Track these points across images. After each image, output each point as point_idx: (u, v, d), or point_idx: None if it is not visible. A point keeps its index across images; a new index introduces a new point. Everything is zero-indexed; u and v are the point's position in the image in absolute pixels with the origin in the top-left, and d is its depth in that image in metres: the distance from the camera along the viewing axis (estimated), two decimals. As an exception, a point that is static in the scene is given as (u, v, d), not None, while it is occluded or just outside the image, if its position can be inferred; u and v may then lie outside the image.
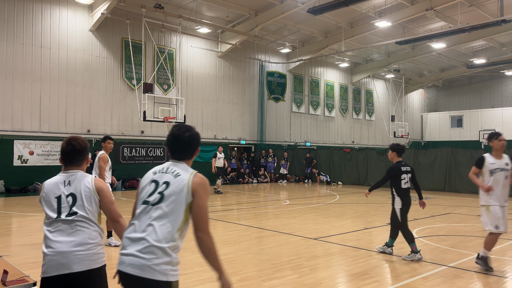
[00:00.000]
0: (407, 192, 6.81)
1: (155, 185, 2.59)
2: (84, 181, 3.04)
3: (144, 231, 2.47)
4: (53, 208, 2.96)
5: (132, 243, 2.48)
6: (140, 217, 2.54)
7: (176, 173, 2.58)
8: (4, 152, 16.81)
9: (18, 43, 17.29)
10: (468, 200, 15.52)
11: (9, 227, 9.63)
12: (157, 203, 2.52)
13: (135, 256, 2.43)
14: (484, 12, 20.75)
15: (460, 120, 37.04)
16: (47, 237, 2.92)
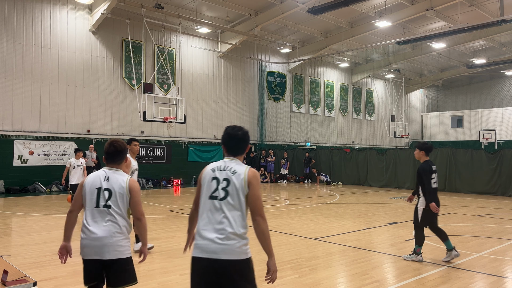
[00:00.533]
0: (435, 193, 6.51)
1: (217, 182, 3.02)
2: (120, 180, 3.56)
3: (221, 223, 2.93)
4: (92, 198, 3.50)
5: (210, 234, 2.92)
6: (212, 210, 2.99)
7: (233, 170, 3.03)
8: (4, 152, 16.81)
9: (18, 43, 17.29)
10: (468, 200, 15.52)
11: (9, 227, 9.63)
12: (223, 198, 2.96)
13: (219, 244, 2.88)
14: (484, 12, 20.74)
15: (460, 120, 37.03)
16: (84, 224, 3.48)
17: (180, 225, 9.79)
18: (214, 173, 3.07)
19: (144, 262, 6.35)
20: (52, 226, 9.54)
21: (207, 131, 23.53)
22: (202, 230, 2.97)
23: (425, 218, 6.49)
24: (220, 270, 2.90)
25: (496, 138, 31.81)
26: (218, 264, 2.89)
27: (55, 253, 6.96)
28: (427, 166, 6.48)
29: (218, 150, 23.91)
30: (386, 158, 21.41)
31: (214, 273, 2.90)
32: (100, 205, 3.48)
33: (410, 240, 8.20)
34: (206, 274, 2.92)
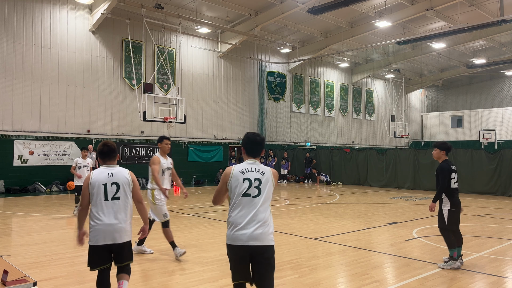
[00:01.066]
0: (455, 192, 6.33)
1: (249, 182, 3.59)
2: (124, 173, 4.24)
3: (255, 215, 3.52)
4: (102, 193, 4.07)
5: (247, 225, 3.50)
6: (246, 206, 3.56)
7: (261, 171, 3.66)
8: (4, 152, 16.81)
9: (18, 43, 17.29)
10: (468, 200, 15.52)
11: (9, 227, 9.63)
12: (257, 195, 3.57)
13: (254, 233, 3.47)
14: (484, 12, 20.75)
15: (460, 120, 37.04)
16: (94, 216, 4.06)
17: (180, 225, 9.79)
18: (244, 175, 3.63)
19: (144, 262, 6.35)
20: (52, 226, 9.54)
21: (207, 131, 23.54)
22: (239, 222, 3.54)
23: (452, 219, 6.24)
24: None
25: (496, 138, 31.81)
26: (256, 250, 3.53)
27: (55, 253, 6.97)
28: (446, 165, 6.33)
29: (218, 150, 23.92)
30: (386, 158, 21.41)
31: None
32: (108, 198, 4.08)
33: (410, 240, 8.20)
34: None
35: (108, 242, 4.05)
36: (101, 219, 4.04)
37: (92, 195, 4.08)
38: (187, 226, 9.63)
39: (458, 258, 6.11)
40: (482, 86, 37.80)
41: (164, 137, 6.92)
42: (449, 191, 6.26)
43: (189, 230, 9.05)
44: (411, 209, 12.88)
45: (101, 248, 4.06)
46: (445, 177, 6.25)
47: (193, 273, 5.77)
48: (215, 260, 6.49)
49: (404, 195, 17.30)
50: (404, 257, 6.79)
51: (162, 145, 6.86)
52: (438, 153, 6.51)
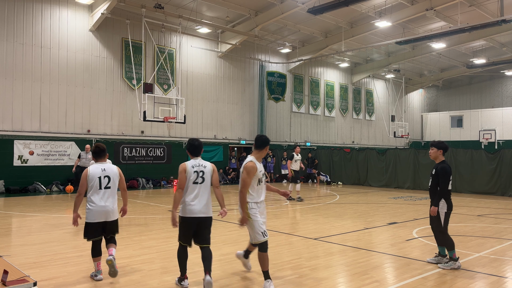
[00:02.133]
0: (450, 194, 6.28)
1: (197, 174, 5.21)
2: (113, 169, 5.65)
3: (202, 196, 5.16)
4: (97, 183, 5.43)
5: (197, 203, 5.10)
6: (196, 190, 5.16)
7: (204, 166, 5.29)
8: (4, 152, 16.81)
9: (18, 43, 17.29)
10: (468, 200, 15.52)
11: (9, 227, 9.63)
12: (202, 183, 5.19)
13: (201, 208, 5.13)
14: (484, 12, 20.75)
15: (460, 120, 37.04)
16: (91, 200, 5.40)
17: (180, 225, 9.79)
18: (193, 168, 5.18)
19: (144, 262, 6.37)
20: (52, 226, 9.54)
21: (207, 131, 23.54)
22: (192, 201, 5.19)
23: (447, 221, 6.23)
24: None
25: (496, 138, 31.82)
26: (204, 220, 5.21)
27: (56, 253, 6.98)
28: (448, 167, 6.19)
29: (218, 150, 23.93)
30: (386, 158, 21.41)
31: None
32: (102, 187, 5.45)
33: (410, 240, 8.20)
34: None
35: (101, 220, 5.42)
36: (96, 203, 5.40)
37: (90, 186, 5.43)
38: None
39: (458, 259, 6.10)
40: (482, 86, 37.79)
41: (268, 141, 5.45)
42: (446, 193, 6.22)
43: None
44: (411, 209, 12.88)
45: (96, 225, 5.42)
46: (447, 180, 6.13)
47: (193, 273, 5.77)
48: (215, 260, 6.49)
49: (404, 195, 17.31)
50: (404, 257, 6.79)
51: (264, 151, 5.38)
52: (435, 152, 6.36)
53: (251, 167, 5.11)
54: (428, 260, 6.44)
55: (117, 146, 19.91)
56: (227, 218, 10.84)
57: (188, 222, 5.05)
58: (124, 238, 8.08)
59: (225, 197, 16.71)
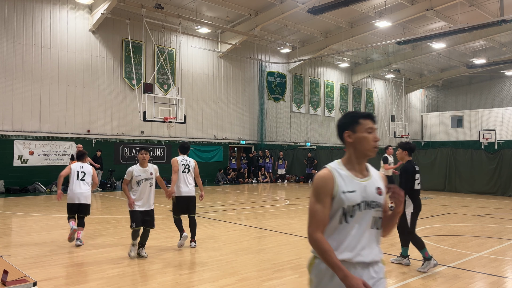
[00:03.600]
0: (418, 194, 6.27)
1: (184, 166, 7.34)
2: (89, 168, 7.79)
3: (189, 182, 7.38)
4: (75, 176, 7.56)
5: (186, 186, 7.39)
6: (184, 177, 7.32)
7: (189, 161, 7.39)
8: (4, 152, 16.81)
9: (18, 43, 17.29)
10: (468, 200, 15.52)
11: (9, 227, 9.63)
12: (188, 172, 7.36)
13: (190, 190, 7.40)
14: (484, 12, 20.74)
15: (460, 120, 37.03)
16: (71, 188, 7.50)
17: (180, 225, 9.79)
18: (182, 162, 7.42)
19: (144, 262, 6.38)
20: (52, 226, 9.54)
21: (207, 131, 23.54)
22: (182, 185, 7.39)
23: (414, 222, 6.20)
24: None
25: (496, 138, 31.82)
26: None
27: (55, 253, 6.98)
28: (410, 166, 6.25)
29: (218, 150, 23.92)
30: (386, 158, 21.37)
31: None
32: (79, 178, 7.64)
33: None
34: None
35: (76, 202, 7.57)
36: (73, 189, 7.58)
37: (71, 177, 7.63)
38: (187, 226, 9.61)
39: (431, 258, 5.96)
40: (482, 86, 37.78)
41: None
42: (412, 192, 6.17)
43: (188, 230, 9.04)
44: (411, 209, 12.86)
45: (73, 205, 7.61)
46: (409, 179, 6.16)
47: (193, 273, 5.77)
48: (214, 260, 6.50)
49: (404, 195, 17.27)
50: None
51: None
52: (400, 153, 6.48)
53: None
54: (392, 261, 6.39)
55: (117, 146, 19.91)
56: (227, 218, 10.86)
57: (180, 200, 7.25)
58: (124, 238, 8.08)
59: (225, 197, 16.67)
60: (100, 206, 13.77)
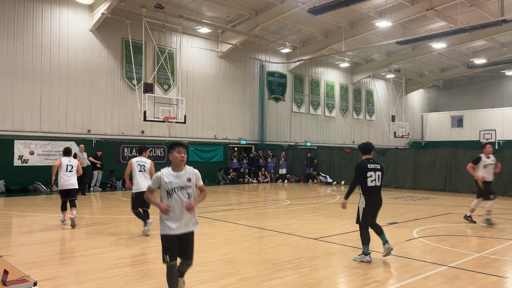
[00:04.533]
0: (372, 191, 6.51)
1: (140, 166, 8.59)
2: (75, 161, 9.78)
3: (145, 178, 8.51)
4: (65, 168, 9.51)
5: (139, 180, 8.49)
6: (140, 175, 8.53)
7: (145, 161, 8.67)
8: (4, 152, 16.82)
9: (18, 43, 17.30)
10: (469, 200, 15.50)
11: (9, 227, 9.63)
12: (144, 171, 8.59)
13: (141, 185, 8.48)
14: (485, 12, 20.74)
15: (460, 120, 37.02)
16: (61, 176, 9.45)
17: (180, 225, 9.78)
18: (138, 163, 8.53)
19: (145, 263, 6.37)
20: (52, 226, 9.54)
21: (208, 131, 23.54)
22: (138, 181, 8.42)
23: (366, 217, 6.54)
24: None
25: (496, 138, 31.80)
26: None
27: (56, 253, 6.98)
28: (362, 163, 6.58)
29: (219, 150, 23.92)
30: (386, 158, 21.38)
31: None
32: (68, 170, 9.44)
33: (411, 240, 8.20)
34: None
35: (65, 188, 9.45)
36: (63, 178, 9.43)
37: (60, 168, 9.48)
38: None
39: (369, 253, 6.42)
40: (482, 86, 37.77)
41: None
42: (365, 189, 6.50)
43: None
44: (412, 209, 12.87)
45: (64, 191, 9.48)
46: (357, 175, 6.50)
47: (193, 273, 5.77)
48: (214, 260, 6.50)
49: (404, 195, 17.29)
50: (404, 257, 6.79)
51: None
52: (360, 153, 6.93)
53: None
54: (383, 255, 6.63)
55: (117, 146, 19.91)
56: (227, 218, 10.86)
57: (138, 195, 8.26)
58: (124, 238, 8.09)
59: (225, 197, 16.66)
60: (100, 206, 13.77)
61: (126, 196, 15.89)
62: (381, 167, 6.67)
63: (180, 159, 4.45)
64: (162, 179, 4.45)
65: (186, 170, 4.51)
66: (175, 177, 4.45)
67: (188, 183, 4.48)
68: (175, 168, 4.49)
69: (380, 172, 6.60)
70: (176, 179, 4.45)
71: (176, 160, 4.45)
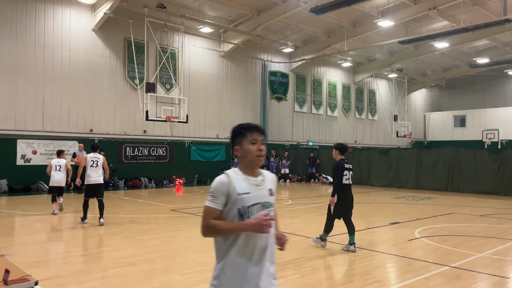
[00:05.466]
0: (345, 188, 7.22)
1: (92, 161, 9.80)
2: (64, 161, 11.02)
3: (98, 172, 9.73)
4: (55, 167, 10.88)
5: (94, 175, 9.66)
6: (93, 168, 9.72)
7: (98, 157, 9.92)
8: (7, 152, 16.86)
9: (21, 42, 17.34)
10: (471, 200, 15.47)
11: (12, 226, 9.66)
12: (97, 166, 9.91)
13: (97, 179, 9.76)
14: (487, 11, 20.66)
15: (463, 120, 36.90)
16: (52, 175, 10.83)
17: (181, 224, 9.80)
18: (92, 158, 9.71)
19: (146, 262, 6.38)
20: (54, 226, 9.57)
21: (210, 131, 23.55)
22: (91, 175, 9.80)
23: (337, 211, 7.24)
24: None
25: (499, 138, 31.68)
26: None
27: (58, 252, 7.01)
28: (340, 163, 7.28)
29: (221, 149, 23.93)
30: (388, 158, 21.35)
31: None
32: (57, 169, 10.84)
33: (413, 240, 8.19)
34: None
35: (56, 185, 10.74)
36: (54, 176, 10.74)
37: (52, 167, 10.76)
38: (189, 225, 9.64)
39: (325, 240, 7.30)
40: (485, 85, 37.64)
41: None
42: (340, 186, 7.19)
43: (190, 230, 9.06)
44: (414, 209, 12.85)
45: (54, 187, 10.80)
46: (339, 174, 7.16)
47: (194, 272, 5.78)
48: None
49: (406, 195, 17.26)
50: (406, 257, 6.78)
51: None
52: (334, 152, 7.65)
53: None
54: (342, 248, 7.20)
55: (119, 145, 19.94)
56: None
57: (88, 186, 9.53)
58: (127, 238, 8.10)
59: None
60: (102, 205, 13.79)
61: (128, 196, 15.92)
62: (352, 166, 7.48)
63: (258, 155, 2.52)
64: (231, 189, 2.45)
65: (263, 175, 2.60)
66: (252, 187, 2.51)
67: (271, 198, 2.61)
68: (248, 171, 2.54)
69: (352, 171, 7.41)
70: (255, 190, 2.51)
71: (251, 155, 2.51)
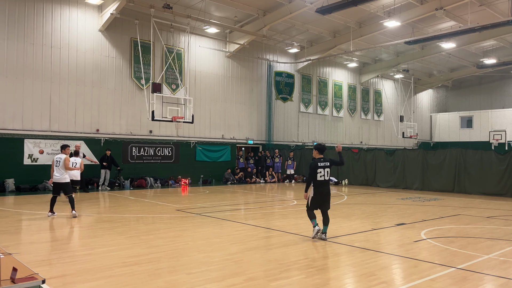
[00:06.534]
0: (321, 184, 8.06)
1: (55, 162, 11.09)
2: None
3: (58, 172, 10.99)
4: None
5: (57, 174, 10.85)
6: (59, 167, 10.94)
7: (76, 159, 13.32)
8: (14, 151, 17.01)
9: (28, 43, 17.48)
10: (478, 201, 15.37)
11: (19, 225, 9.74)
12: (58, 166, 11.09)
13: (60, 177, 10.83)
14: (495, 11, 20.54)
15: (470, 121, 36.69)
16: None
17: (187, 224, 9.83)
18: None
19: (151, 261, 6.41)
20: (61, 224, 9.63)
21: (215, 131, 23.59)
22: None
23: (313, 204, 8.16)
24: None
25: (506, 139, 31.47)
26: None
27: (65, 251, 7.05)
28: (313, 162, 8.17)
29: (226, 149, 23.96)
30: (394, 159, 21.27)
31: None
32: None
33: (418, 241, 8.16)
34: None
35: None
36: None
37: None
38: (195, 225, 9.67)
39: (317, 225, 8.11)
40: (492, 86, 37.40)
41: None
42: (315, 182, 8.08)
43: (196, 230, 9.09)
44: (420, 210, 12.79)
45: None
46: (311, 172, 8.09)
47: (200, 272, 5.79)
48: (221, 259, 6.51)
49: (412, 196, 17.19)
50: (412, 258, 6.75)
51: None
52: (314, 152, 8.49)
53: None
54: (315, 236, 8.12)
55: (125, 145, 20.03)
56: (235, 217, 10.87)
57: (55, 184, 10.66)
58: (132, 237, 8.14)
59: (232, 197, 16.66)
60: (108, 205, 13.87)
61: (134, 195, 15.98)
62: (330, 163, 8.34)
63: None
64: None
65: None
66: None
67: None
68: None
69: (329, 168, 8.25)
70: None
71: None
